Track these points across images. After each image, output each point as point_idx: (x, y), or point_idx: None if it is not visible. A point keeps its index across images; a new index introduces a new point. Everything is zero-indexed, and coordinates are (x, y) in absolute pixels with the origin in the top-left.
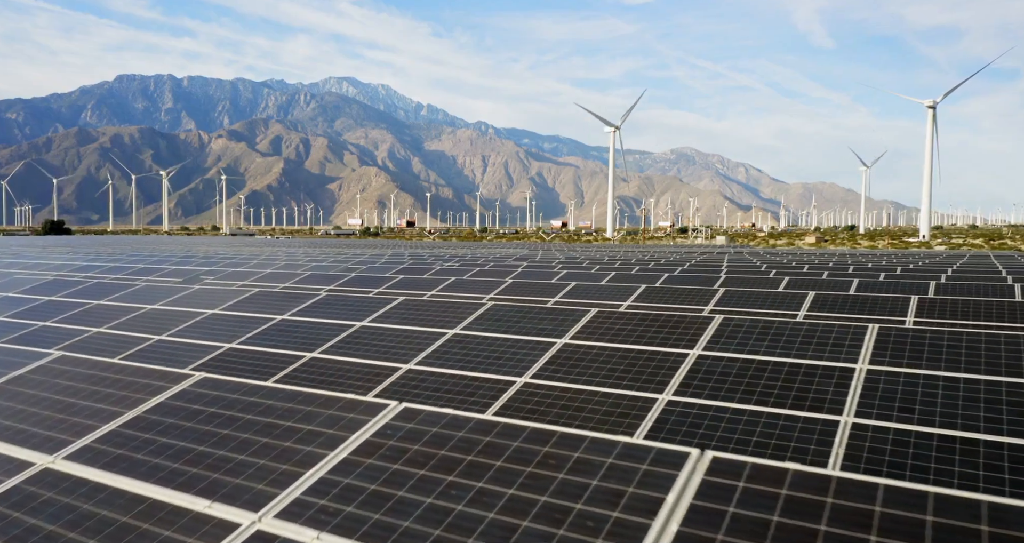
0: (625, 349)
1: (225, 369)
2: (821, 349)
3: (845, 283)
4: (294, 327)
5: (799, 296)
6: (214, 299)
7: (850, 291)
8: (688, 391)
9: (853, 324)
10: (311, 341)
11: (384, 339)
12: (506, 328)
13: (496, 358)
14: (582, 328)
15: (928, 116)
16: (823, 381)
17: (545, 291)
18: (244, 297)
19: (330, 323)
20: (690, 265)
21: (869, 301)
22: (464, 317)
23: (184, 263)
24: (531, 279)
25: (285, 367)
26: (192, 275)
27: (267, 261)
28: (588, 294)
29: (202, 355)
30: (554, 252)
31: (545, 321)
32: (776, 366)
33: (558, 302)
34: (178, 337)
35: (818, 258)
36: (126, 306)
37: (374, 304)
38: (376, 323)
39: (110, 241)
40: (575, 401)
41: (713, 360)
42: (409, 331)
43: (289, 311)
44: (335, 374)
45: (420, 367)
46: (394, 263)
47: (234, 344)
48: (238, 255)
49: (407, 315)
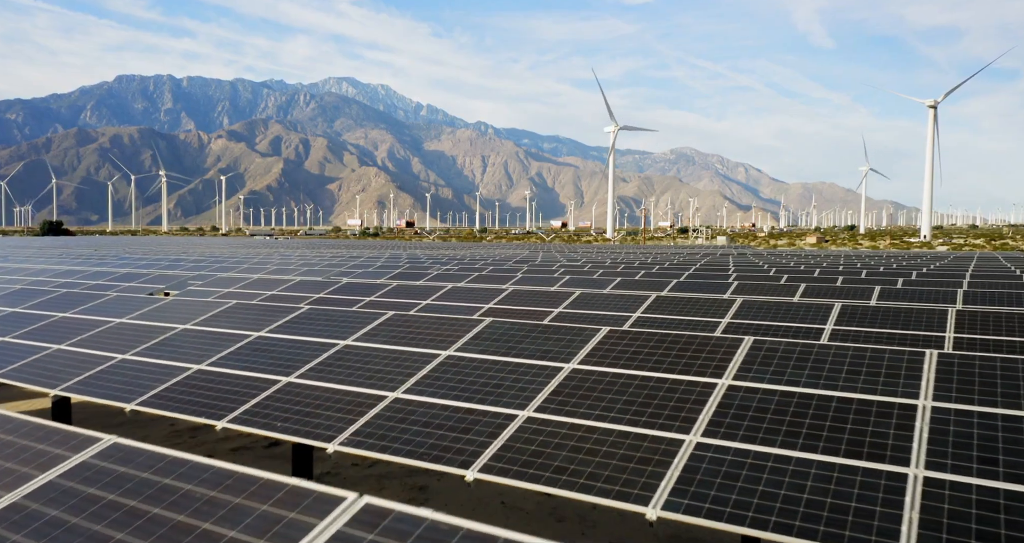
0: (643, 377)
1: (178, 405)
2: (872, 381)
3: (865, 291)
4: (270, 346)
5: (822, 307)
6: (188, 312)
7: (872, 301)
8: (720, 431)
9: (906, 349)
10: (287, 363)
11: (369, 361)
12: (506, 350)
13: (495, 386)
14: (592, 351)
15: (929, 116)
16: (880, 422)
17: (547, 301)
18: (220, 310)
19: (310, 342)
20: (696, 270)
21: (902, 314)
22: (459, 335)
23: (172, 267)
24: (532, 286)
25: (254, 396)
26: (178, 281)
27: (258, 265)
28: (594, 304)
29: (164, 379)
30: (554, 253)
31: (550, 342)
32: (822, 402)
33: (562, 314)
34: (143, 356)
35: (825, 260)
36: (93, 320)
37: (360, 320)
38: (361, 342)
39: (107, 242)
40: (586, 442)
41: (746, 392)
42: (398, 353)
43: (267, 327)
44: (312, 404)
45: (408, 396)
46: (389, 267)
47: (202, 365)
48: (230, 258)
49: (396, 333)
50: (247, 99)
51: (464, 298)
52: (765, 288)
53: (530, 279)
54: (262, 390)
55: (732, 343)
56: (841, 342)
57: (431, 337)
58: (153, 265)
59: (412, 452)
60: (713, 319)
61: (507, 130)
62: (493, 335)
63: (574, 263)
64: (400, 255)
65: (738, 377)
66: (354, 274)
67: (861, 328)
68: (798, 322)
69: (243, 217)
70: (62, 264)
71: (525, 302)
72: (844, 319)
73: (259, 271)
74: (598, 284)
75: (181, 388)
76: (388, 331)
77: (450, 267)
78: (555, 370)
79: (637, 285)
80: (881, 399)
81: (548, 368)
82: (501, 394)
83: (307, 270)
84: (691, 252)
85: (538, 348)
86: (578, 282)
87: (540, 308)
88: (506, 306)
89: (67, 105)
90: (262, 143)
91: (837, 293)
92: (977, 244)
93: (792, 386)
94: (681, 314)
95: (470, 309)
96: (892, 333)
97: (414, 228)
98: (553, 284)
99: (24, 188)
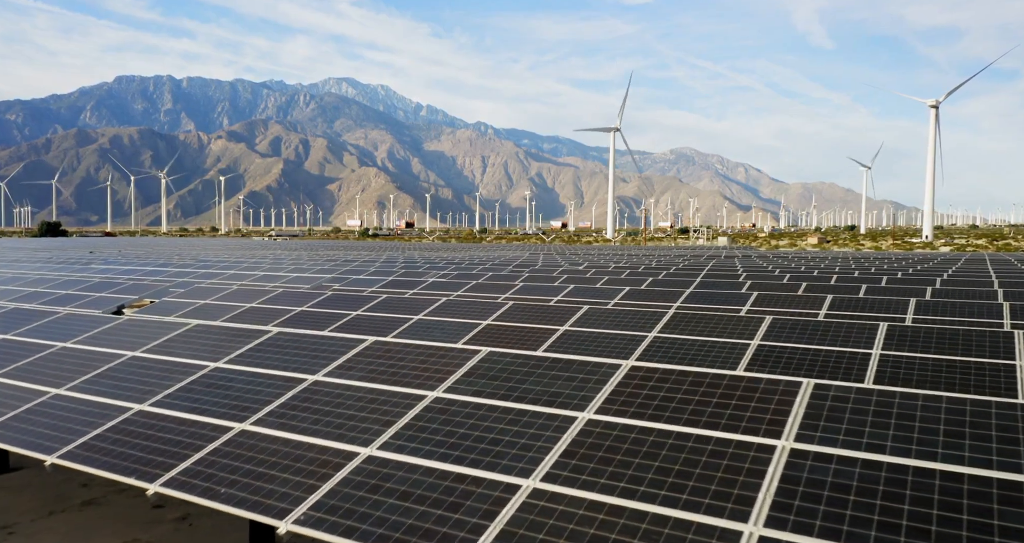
0: (678, 435)
1: (108, 459)
2: (983, 450)
3: (899, 304)
4: (227, 381)
5: (866, 328)
6: (141, 335)
7: (908, 316)
8: (788, 519)
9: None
10: (244, 405)
11: (341, 404)
12: (506, 391)
13: (492, 442)
14: (611, 394)
15: (931, 116)
16: (1013, 515)
17: (551, 316)
18: (177, 333)
19: (274, 377)
20: (706, 276)
21: (960, 337)
22: (449, 370)
23: (155, 273)
24: (533, 297)
25: (200, 447)
26: (154, 290)
27: (246, 271)
28: (603, 321)
29: (98, 422)
30: (555, 256)
31: (559, 382)
32: (922, 477)
33: (568, 334)
34: (80, 391)
35: (836, 263)
36: (34, 343)
37: (335, 348)
38: (334, 377)
39: (102, 243)
40: (610, 529)
41: (817, 461)
42: (376, 393)
43: (227, 356)
44: (267, 461)
45: (385, 454)
46: (383, 272)
47: (144, 406)
48: (220, 262)
49: (376, 366)
50: (247, 100)
51: (459, 312)
52: (786, 300)
53: (531, 288)
54: (210, 440)
55: (788, 388)
56: (904, 384)
57: (416, 372)
58: (135, 271)
59: (385, 537)
60: (741, 340)
61: (507, 130)
62: (490, 370)
63: (576, 267)
64: (397, 258)
65: (802, 437)
66: (346, 281)
67: (917, 354)
68: (839, 345)
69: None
70: (40, 270)
71: (526, 318)
72: (893, 342)
73: (245, 278)
74: (604, 294)
75: (116, 435)
76: (366, 364)
77: (447, 272)
78: (567, 421)
79: (647, 295)
80: (1002, 476)
81: (558, 418)
82: (500, 454)
83: (296, 277)
84: (694, 254)
85: (545, 390)
86: (582, 291)
87: (543, 325)
88: (505, 323)
89: (67, 106)
90: (262, 143)
91: (868, 306)
92: (979, 244)
93: (876, 453)
94: (703, 334)
95: (465, 327)
96: (952, 361)
97: (413, 229)
98: (556, 294)
99: (24, 189)
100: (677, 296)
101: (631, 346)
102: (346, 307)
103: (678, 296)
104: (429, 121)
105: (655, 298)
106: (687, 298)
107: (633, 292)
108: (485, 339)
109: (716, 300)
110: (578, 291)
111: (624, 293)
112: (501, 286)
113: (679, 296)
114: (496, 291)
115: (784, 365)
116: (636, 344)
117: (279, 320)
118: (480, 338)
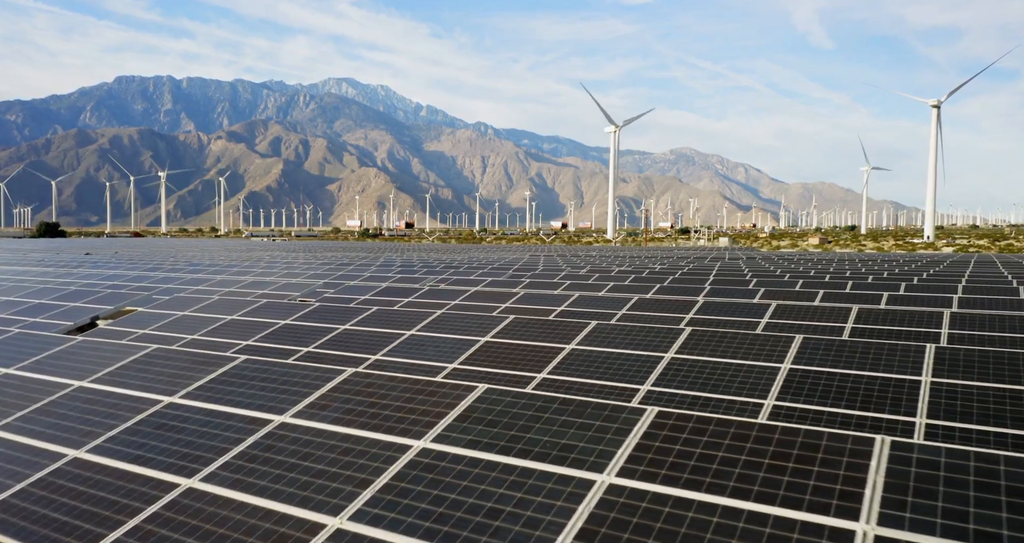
0: (727, 510)
1: (16, 531)
2: None
3: (931, 318)
4: (180, 422)
5: (910, 350)
6: (93, 360)
7: (943, 331)
8: None
9: None
10: (196, 452)
11: (310, 455)
12: (508, 440)
13: (490, 513)
14: (637, 448)
15: (932, 115)
16: None
17: (555, 333)
18: (132, 359)
19: (235, 416)
20: (715, 282)
21: (1020, 362)
22: (441, 412)
23: (140, 279)
24: (535, 306)
25: (136, 511)
26: (133, 299)
27: (236, 276)
28: (613, 339)
29: (23, 473)
30: (556, 258)
31: (571, 430)
32: None
33: (575, 353)
34: (10, 431)
35: (844, 266)
36: None
37: (308, 381)
38: (303, 419)
39: (99, 244)
40: None
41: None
42: (352, 440)
43: (184, 388)
44: (215, 535)
45: (358, 528)
46: (379, 278)
47: (81, 452)
48: (210, 266)
49: (355, 404)
50: (247, 100)
51: (455, 327)
52: (805, 311)
53: (532, 297)
54: (151, 500)
55: (857, 447)
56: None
57: (401, 414)
58: (121, 276)
59: None
60: (769, 363)
61: (507, 130)
62: (488, 412)
63: (578, 272)
64: (394, 261)
65: (887, 520)
66: (338, 287)
67: (970, 382)
68: (882, 370)
69: (243, 218)
70: (22, 275)
71: (528, 334)
72: (942, 367)
73: (234, 283)
74: (610, 304)
75: (41, 491)
76: (343, 401)
77: (445, 277)
78: (583, 486)
79: (656, 305)
80: None
81: (572, 481)
82: (499, 532)
83: (286, 283)
84: (697, 256)
85: (555, 440)
86: (587, 301)
87: (547, 343)
88: (505, 340)
89: (67, 106)
90: (262, 144)
91: (897, 319)
92: (981, 245)
93: (990, 526)
94: (725, 355)
95: (461, 345)
96: (1018, 391)
97: (413, 229)
98: (559, 304)
99: (24, 189)
100: (688, 306)
101: (646, 369)
102: (333, 320)
103: (689, 306)
104: (429, 121)
105: (665, 309)
106: (699, 309)
107: (641, 302)
108: (483, 359)
109: (731, 311)
110: (583, 301)
111: (632, 303)
112: (500, 294)
113: (690, 306)
114: (495, 300)
115: (822, 395)
116: (651, 367)
117: (260, 335)
118: (478, 358)
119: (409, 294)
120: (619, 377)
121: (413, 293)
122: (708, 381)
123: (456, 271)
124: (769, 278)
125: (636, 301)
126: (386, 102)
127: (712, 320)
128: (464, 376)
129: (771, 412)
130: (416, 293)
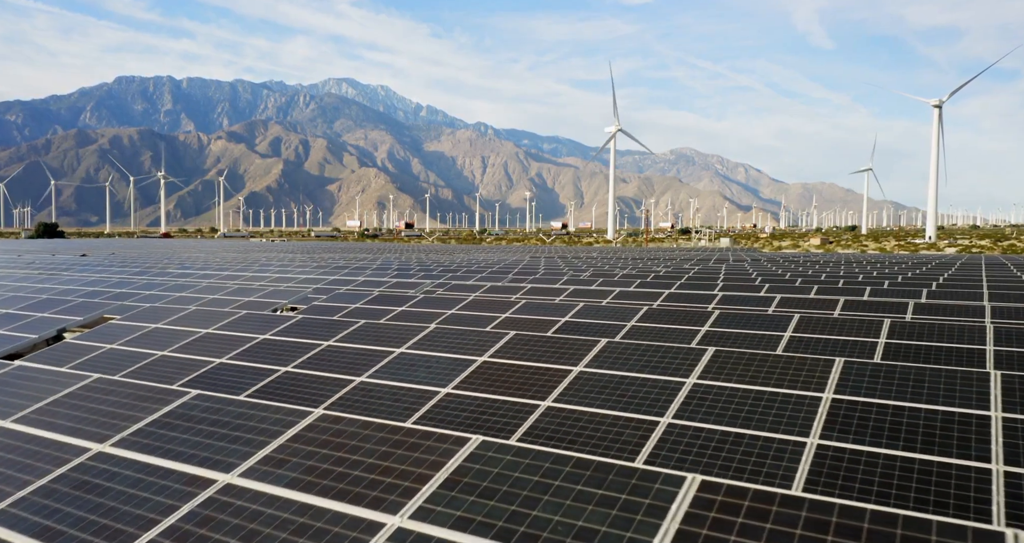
0: None
1: None
2: None
3: (975, 332)
4: (106, 478)
5: (972, 378)
6: (22, 393)
7: (986, 349)
8: None
9: None
10: (116, 526)
11: (257, 533)
12: (506, 523)
13: None
14: (677, 538)
15: (934, 115)
16: None
17: (559, 352)
18: (68, 392)
19: (173, 472)
20: (724, 289)
21: None
22: (424, 474)
23: (124, 284)
24: (537, 316)
25: None
26: (107, 309)
27: (223, 281)
28: (626, 361)
29: None
30: (557, 260)
31: (589, 507)
32: None
33: (583, 377)
34: None
35: (853, 268)
36: None
37: (266, 425)
38: (254, 479)
39: (96, 245)
40: None
41: None
42: (313, 514)
43: (118, 434)
44: None
45: None
46: (373, 283)
47: None
48: (201, 269)
49: (316, 462)
50: (247, 100)
51: (450, 344)
52: (827, 324)
53: (533, 306)
54: None
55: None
56: None
57: (375, 474)
58: (104, 282)
59: None
60: (808, 392)
61: (507, 131)
62: (483, 476)
63: (580, 276)
64: (391, 263)
65: None
66: (330, 294)
67: None
68: (940, 403)
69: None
70: (1, 279)
71: (530, 354)
72: (1014, 402)
73: (220, 290)
74: (617, 314)
75: None
76: (305, 455)
77: (442, 282)
78: None
79: (668, 317)
80: None
81: None
82: None
83: (273, 290)
84: (700, 257)
85: (567, 522)
86: (593, 311)
87: (551, 364)
88: (504, 360)
89: (67, 106)
90: (262, 144)
91: (929, 333)
92: (983, 245)
93: None
94: (754, 381)
95: (455, 366)
96: None
97: (413, 229)
98: (562, 314)
99: (23, 189)
100: (702, 318)
101: (665, 397)
102: (317, 335)
103: (703, 318)
104: (429, 121)
105: (677, 320)
106: (715, 321)
107: (651, 312)
108: (479, 383)
109: (748, 323)
110: (588, 311)
111: (641, 314)
112: (499, 303)
113: (704, 318)
114: (494, 309)
115: (874, 434)
116: (672, 395)
117: (235, 352)
118: (473, 381)
119: (403, 302)
120: (634, 407)
121: (407, 301)
122: (738, 414)
123: (454, 275)
124: (780, 282)
125: (645, 312)
126: (386, 102)
127: (730, 334)
128: (457, 406)
129: (816, 452)
130: (410, 301)
